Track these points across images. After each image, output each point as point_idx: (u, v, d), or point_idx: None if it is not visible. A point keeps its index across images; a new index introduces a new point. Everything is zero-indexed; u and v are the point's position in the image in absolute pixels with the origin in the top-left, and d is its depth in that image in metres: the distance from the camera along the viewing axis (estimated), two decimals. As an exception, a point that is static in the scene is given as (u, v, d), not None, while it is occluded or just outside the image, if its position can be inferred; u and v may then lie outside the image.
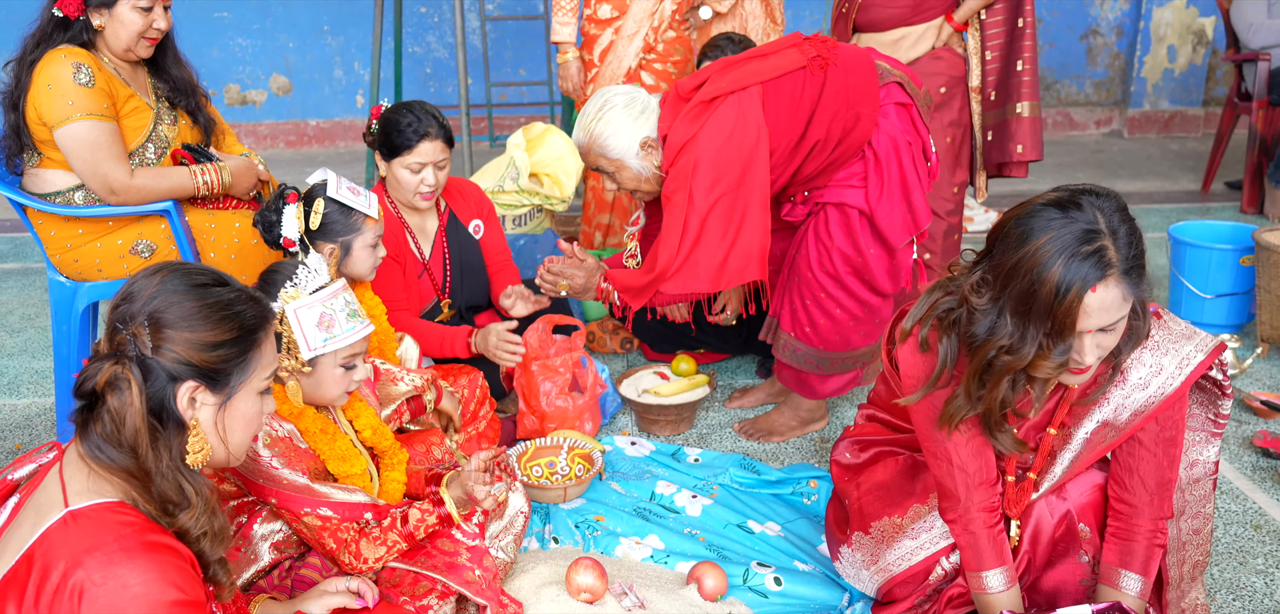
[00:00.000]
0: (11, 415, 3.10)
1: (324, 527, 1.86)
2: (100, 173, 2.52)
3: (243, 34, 6.83)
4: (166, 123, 2.69)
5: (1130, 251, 1.57)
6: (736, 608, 2.09)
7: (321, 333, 1.83)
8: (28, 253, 4.79)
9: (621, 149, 2.59)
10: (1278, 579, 2.20)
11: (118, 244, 2.64)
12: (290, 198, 2.27)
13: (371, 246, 2.40)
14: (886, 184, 2.56)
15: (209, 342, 1.32)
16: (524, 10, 6.69)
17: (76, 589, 1.17)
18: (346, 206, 2.34)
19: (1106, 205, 1.59)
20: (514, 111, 6.60)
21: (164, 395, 1.30)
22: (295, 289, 1.83)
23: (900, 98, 2.61)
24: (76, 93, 2.47)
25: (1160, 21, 6.72)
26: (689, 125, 2.51)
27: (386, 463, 2.09)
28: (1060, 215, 1.57)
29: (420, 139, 2.66)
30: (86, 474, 1.27)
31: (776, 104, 2.51)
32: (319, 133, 7.08)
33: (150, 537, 1.23)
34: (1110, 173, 5.93)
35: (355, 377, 1.93)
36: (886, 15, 3.23)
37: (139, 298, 1.31)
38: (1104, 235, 1.55)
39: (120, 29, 2.55)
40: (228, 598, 1.39)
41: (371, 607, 1.75)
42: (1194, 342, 1.75)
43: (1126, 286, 1.57)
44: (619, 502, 2.51)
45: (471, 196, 3.00)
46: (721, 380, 3.26)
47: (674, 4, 3.58)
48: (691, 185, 2.47)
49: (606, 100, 2.63)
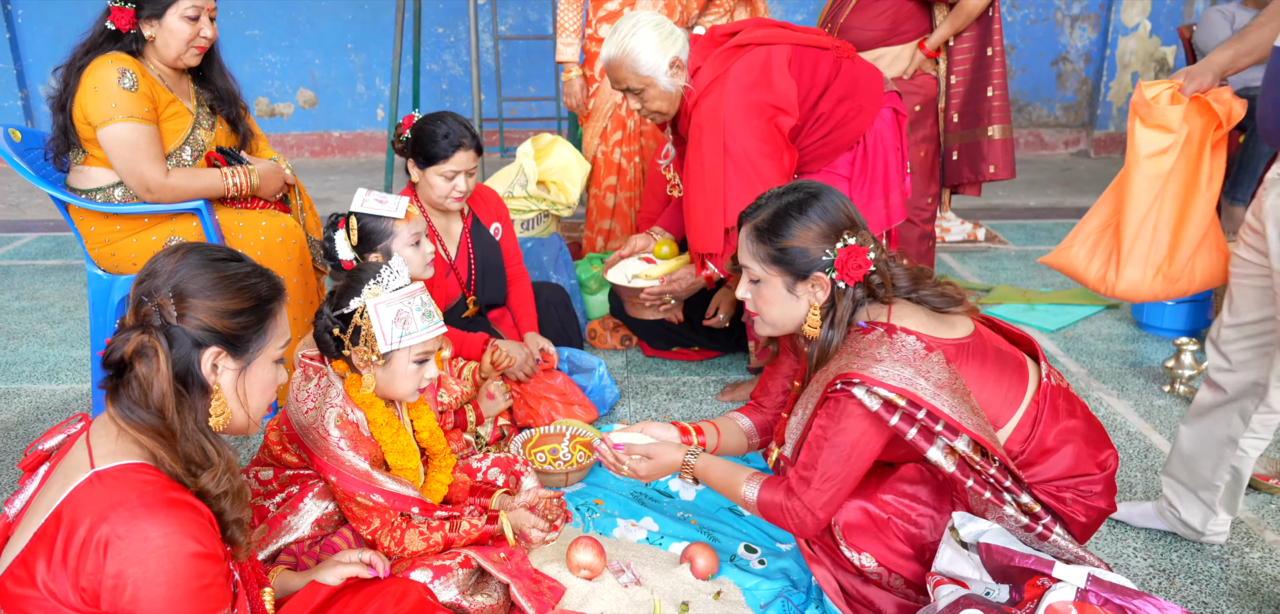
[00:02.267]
0: (51, 399, 3.09)
1: (374, 509, 1.86)
2: (137, 171, 2.52)
3: (272, 50, 6.83)
4: (205, 128, 2.69)
5: (768, 217, 1.79)
6: (726, 585, 2.08)
7: (398, 329, 1.84)
8: (68, 251, 4.78)
9: (652, 65, 2.54)
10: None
11: (152, 240, 2.63)
12: (340, 224, 2.31)
13: (412, 244, 2.39)
14: (871, 178, 2.64)
15: (230, 309, 1.32)
16: (533, 31, 6.69)
17: (101, 543, 1.17)
18: (375, 216, 2.36)
19: (792, 193, 1.81)
20: (523, 125, 6.60)
21: (189, 361, 1.31)
22: (377, 287, 1.85)
23: (897, 105, 2.72)
24: (120, 95, 2.47)
25: (1125, 50, 6.73)
26: (720, 63, 2.54)
27: (436, 465, 2.08)
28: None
29: (455, 149, 2.65)
30: (114, 437, 1.27)
31: (800, 66, 2.58)
32: (341, 143, 7.07)
33: (171, 494, 1.22)
34: (1078, 189, 5.93)
35: (426, 373, 1.93)
36: (865, 35, 3.25)
37: (161, 273, 1.32)
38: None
39: (170, 38, 2.56)
40: (243, 557, 1.38)
41: (383, 578, 1.73)
42: (865, 362, 1.69)
43: (751, 241, 1.80)
44: (617, 486, 2.50)
45: (490, 201, 3.00)
46: (715, 375, 3.25)
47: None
48: (725, 130, 2.49)
49: (638, 20, 2.58)
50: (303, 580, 1.69)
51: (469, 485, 2.17)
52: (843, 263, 1.75)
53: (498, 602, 1.91)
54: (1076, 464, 1.78)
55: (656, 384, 3.18)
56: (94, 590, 1.18)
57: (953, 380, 1.70)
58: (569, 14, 3.64)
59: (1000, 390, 1.77)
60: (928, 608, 1.69)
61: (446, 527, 1.92)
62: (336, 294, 1.90)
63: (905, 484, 1.82)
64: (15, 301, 4.04)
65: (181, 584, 1.19)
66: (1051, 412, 1.78)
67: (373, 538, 1.88)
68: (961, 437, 1.66)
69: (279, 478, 1.99)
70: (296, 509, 1.92)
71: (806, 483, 1.75)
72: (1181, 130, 2.06)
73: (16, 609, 1.21)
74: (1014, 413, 1.77)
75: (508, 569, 1.91)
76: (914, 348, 1.70)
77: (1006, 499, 1.69)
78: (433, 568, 1.84)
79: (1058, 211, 5.42)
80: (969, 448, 1.67)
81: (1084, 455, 1.79)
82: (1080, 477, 1.78)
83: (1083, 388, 3.12)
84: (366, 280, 1.86)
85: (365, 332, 1.84)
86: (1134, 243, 2.14)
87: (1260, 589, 2.10)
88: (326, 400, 1.86)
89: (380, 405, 1.92)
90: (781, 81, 2.54)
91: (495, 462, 2.29)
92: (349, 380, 1.91)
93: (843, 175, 2.66)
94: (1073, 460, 1.77)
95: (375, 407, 1.91)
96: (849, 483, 1.74)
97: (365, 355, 1.85)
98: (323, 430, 1.84)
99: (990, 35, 3.27)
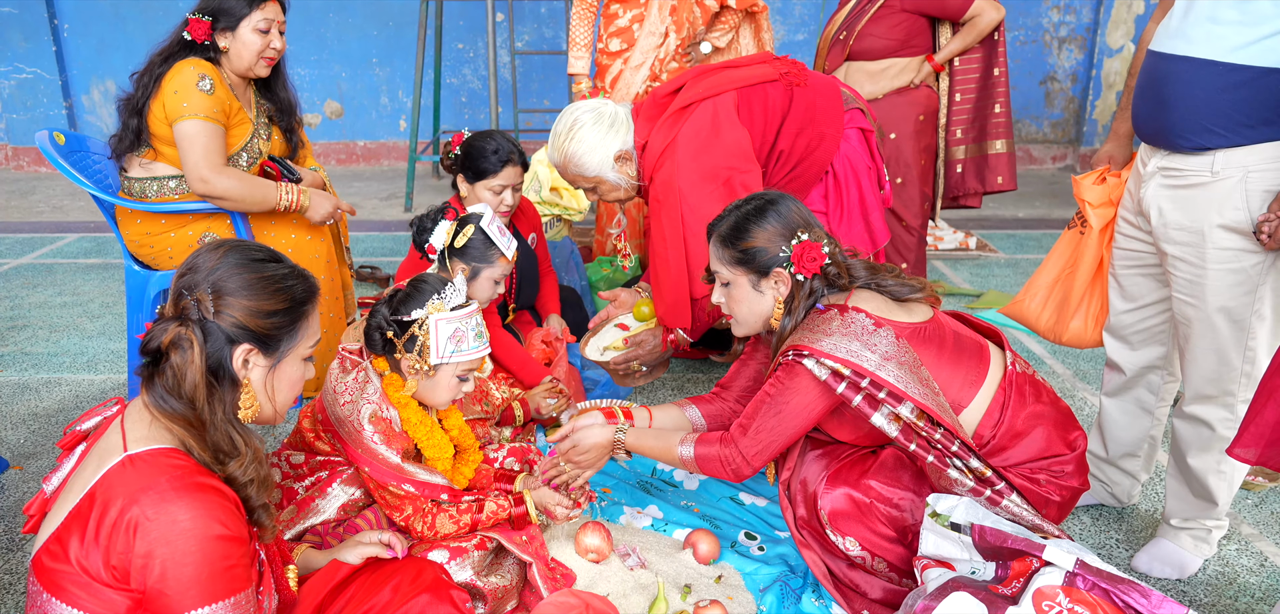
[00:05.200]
0: (89, 389, 3.10)
1: (406, 497, 1.86)
2: (200, 170, 2.51)
3: (301, 64, 6.85)
4: (262, 137, 2.71)
5: (730, 225, 1.87)
6: (726, 570, 2.07)
7: (451, 345, 1.85)
8: (108, 250, 4.80)
9: (597, 165, 2.42)
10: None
11: (188, 236, 2.64)
12: (449, 215, 2.31)
13: (496, 281, 2.41)
14: (846, 206, 2.48)
15: (264, 310, 1.32)
16: (548, 47, 6.70)
17: (132, 524, 1.17)
18: (490, 241, 2.36)
19: (749, 203, 1.89)
20: (539, 136, 6.60)
21: (222, 355, 1.30)
22: (441, 302, 1.85)
23: (862, 123, 2.53)
24: (196, 97, 2.49)
25: (1110, 70, 6.71)
26: (668, 131, 2.38)
27: (463, 459, 2.08)
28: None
29: (504, 164, 2.64)
30: (147, 423, 1.26)
31: (749, 110, 2.40)
32: (366, 153, 7.09)
33: (200, 479, 1.22)
34: (1064, 202, 5.91)
35: (464, 388, 1.93)
36: (879, 45, 3.25)
37: (202, 269, 1.31)
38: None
39: (243, 49, 2.57)
40: (269, 539, 1.37)
41: (401, 557, 1.73)
42: (816, 336, 1.76)
43: (717, 247, 1.89)
44: (624, 475, 2.49)
45: (527, 212, 2.98)
46: (719, 374, 3.23)
47: (677, 40, 3.57)
48: (681, 202, 2.31)
49: (575, 118, 2.43)
50: (325, 559, 1.69)
51: (489, 473, 2.16)
52: (799, 257, 1.82)
53: (511, 583, 1.91)
54: (1047, 446, 1.80)
55: (662, 381, 3.17)
56: (124, 568, 1.18)
57: (901, 353, 1.74)
58: (581, 29, 3.65)
59: (959, 372, 1.80)
60: (916, 591, 1.68)
61: (474, 509, 1.91)
62: (397, 299, 1.89)
63: (887, 469, 1.83)
64: (57, 297, 4.05)
65: (207, 565, 1.18)
66: (1018, 397, 1.81)
67: (406, 524, 1.88)
68: (906, 404, 1.71)
69: (309, 462, 1.99)
70: (324, 493, 1.92)
71: (744, 431, 1.84)
72: (1107, 210, 2.19)
73: (51, 582, 1.21)
74: (975, 394, 1.80)
75: (530, 550, 1.90)
76: (863, 324, 1.76)
77: (952, 464, 1.72)
78: (449, 549, 1.83)
79: (1045, 222, 5.40)
80: (913, 414, 1.71)
81: (1054, 437, 1.80)
82: (1052, 457, 1.80)
83: (1067, 389, 3.10)
84: (430, 294, 1.86)
85: (421, 342, 1.84)
86: (1080, 300, 2.26)
87: (1236, 579, 2.09)
88: (363, 396, 1.86)
89: (413, 406, 1.92)
90: (732, 134, 2.34)
91: (511, 452, 2.29)
92: (387, 379, 1.90)
93: (819, 209, 2.50)
94: (1044, 442, 1.80)
95: (410, 407, 1.91)
96: (782, 440, 1.81)
97: (415, 364, 1.85)
98: (357, 424, 1.84)
99: (995, 56, 3.32)
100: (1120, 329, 2.15)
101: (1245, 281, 1.82)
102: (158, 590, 1.17)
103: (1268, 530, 2.28)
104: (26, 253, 4.80)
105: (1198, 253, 1.85)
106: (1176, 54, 1.81)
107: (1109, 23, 6.64)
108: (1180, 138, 1.82)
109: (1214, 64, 1.74)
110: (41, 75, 6.75)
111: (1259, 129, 1.73)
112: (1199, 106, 1.77)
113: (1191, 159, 1.83)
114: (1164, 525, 2.13)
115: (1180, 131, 1.82)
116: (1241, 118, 1.74)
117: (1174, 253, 1.90)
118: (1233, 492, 2.03)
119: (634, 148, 2.43)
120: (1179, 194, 1.86)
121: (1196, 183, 1.83)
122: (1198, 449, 1.99)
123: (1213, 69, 1.75)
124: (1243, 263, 1.81)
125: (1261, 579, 2.08)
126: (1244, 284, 1.82)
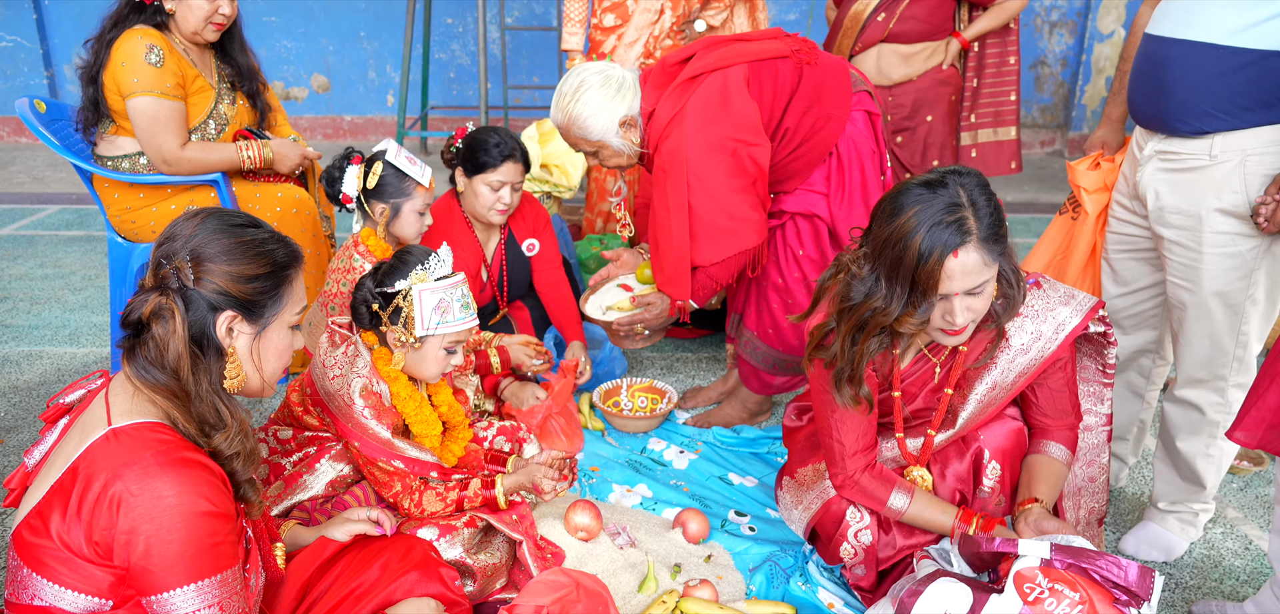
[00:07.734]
0: (72, 362, 3.06)
1: (395, 473, 1.85)
2: (155, 143, 2.49)
3: (288, 36, 6.76)
4: (226, 103, 2.66)
5: (989, 221, 1.53)
6: (716, 550, 2.06)
7: (437, 316, 1.83)
8: (90, 222, 4.73)
9: (601, 129, 2.31)
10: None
11: (171, 209, 2.60)
12: (354, 160, 2.28)
13: (419, 213, 2.36)
14: (847, 188, 2.42)
15: (246, 274, 1.28)
16: (538, 22, 6.63)
17: (115, 499, 1.14)
18: (402, 172, 2.31)
19: (968, 181, 1.55)
20: (528, 113, 6.55)
21: (205, 324, 1.27)
22: (424, 272, 1.83)
23: (870, 106, 2.47)
24: (144, 71, 2.44)
25: (1099, 55, 6.70)
26: (676, 100, 2.30)
27: (452, 436, 2.06)
28: (927, 191, 1.53)
29: (505, 158, 2.55)
30: (130, 396, 1.23)
31: (759, 84, 2.33)
32: (353, 128, 7.01)
33: (185, 454, 1.19)
34: (1053, 186, 5.91)
35: (453, 360, 1.91)
36: (917, 28, 3.22)
37: (180, 237, 1.27)
38: (965, 207, 1.51)
39: (190, 13, 2.52)
40: (256, 515, 1.34)
41: (389, 534, 1.71)
42: (1071, 305, 1.72)
43: (986, 253, 1.52)
44: (614, 454, 2.48)
45: (530, 215, 2.85)
46: (707, 352, 3.22)
47: (672, 17, 3.53)
48: (688, 170, 2.25)
49: (582, 80, 2.33)
50: (312, 536, 1.67)
51: (480, 454, 2.14)
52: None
53: (500, 560, 1.89)
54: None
55: (652, 360, 3.15)
56: (107, 545, 1.15)
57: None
58: (576, 4, 3.60)
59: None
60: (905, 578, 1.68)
61: (461, 488, 1.90)
62: (381, 271, 1.86)
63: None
64: (39, 270, 3.99)
65: (193, 542, 1.16)
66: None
67: (394, 501, 1.86)
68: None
69: (297, 438, 1.97)
70: (312, 469, 1.90)
71: (1078, 410, 1.82)
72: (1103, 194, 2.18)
73: (32, 558, 1.18)
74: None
75: (520, 529, 1.89)
76: (1049, 282, 1.79)
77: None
78: (439, 526, 1.81)
79: (1034, 206, 5.42)
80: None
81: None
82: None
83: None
84: (414, 265, 1.84)
85: (406, 313, 1.82)
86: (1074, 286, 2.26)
87: (1222, 561, 2.10)
88: (353, 370, 1.84)
89: (404, 379, 1.90)
90: (741, 106, 2.27)
91: (500, 431, 2.26)
92: (377, 353, 1.88)
93: (819, 190, 2.43)
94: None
95: (399, 380, 1.89)
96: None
97: (401, 336, 1.83)
98: (347, 398, 1.82)
99: (1014, 43, 3.34)
100: (1113, 313, 2.15)
101: (1241, 266, 1.82)
102: (141, 567, 1.15)
103: (1252, 514, 2.29)
104: (7, 224, 4.73)
105: (1194, 236, 1.84)
106: (1175, 37, 1.79)
107: (1100, 7, 6.63)
108: (1179, 121, 1.81)
109: (1213, 47, 1.73)
110: (22, 43, 6.63)
111: (1258, 112, 1.72)
112: (1198, 90, 1.76)
113: (1190, 143, 1.82)
114: (1151, 508, 2.13)
115: (1179, 115, 1.81)
116: (1241, 101, 1.73)
117: (1170, 237, 1.89)
118: (1221, 475, 2.04)
119: (640, 115, 2.35)
120: (1176, 177, 1.86)
121: (1194, 166, 1.82)
122: (1187, 433, 1.99)
123: (1212, 52, 1.73)
124: (1239, 247, 1.80)
125: (1246, 562, 2.10)
126: (1239, 268, 1.82)
